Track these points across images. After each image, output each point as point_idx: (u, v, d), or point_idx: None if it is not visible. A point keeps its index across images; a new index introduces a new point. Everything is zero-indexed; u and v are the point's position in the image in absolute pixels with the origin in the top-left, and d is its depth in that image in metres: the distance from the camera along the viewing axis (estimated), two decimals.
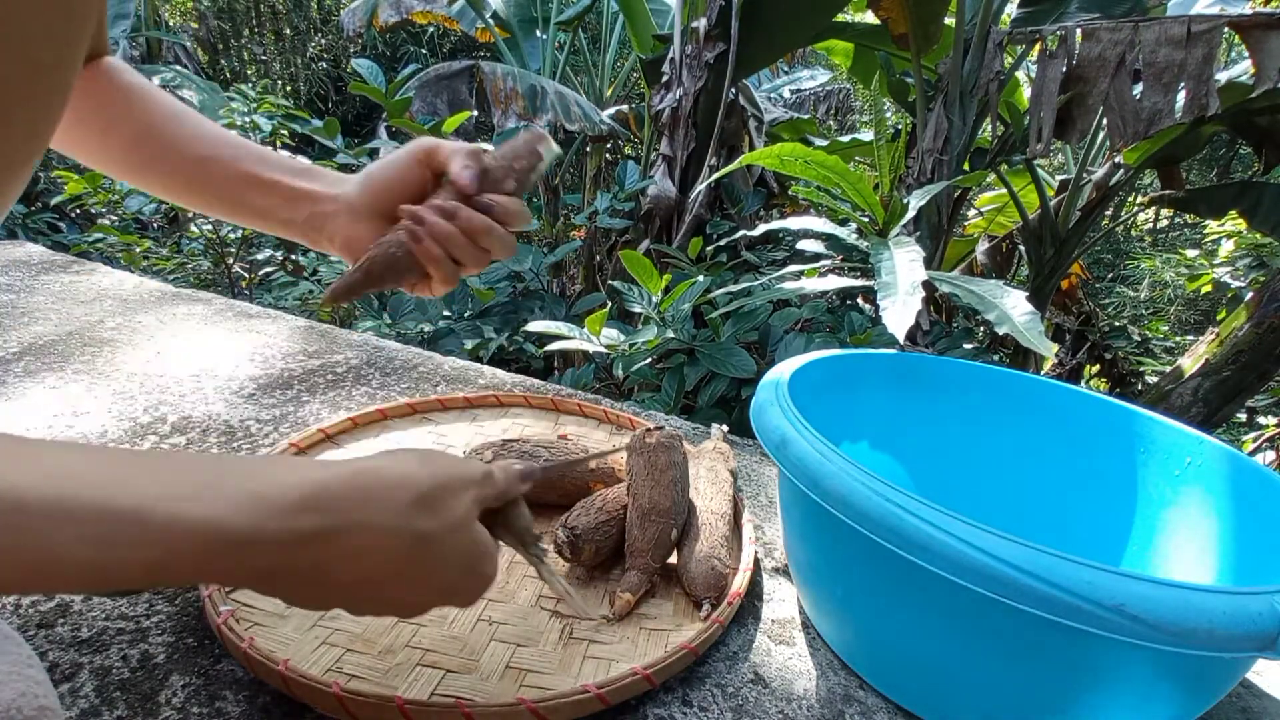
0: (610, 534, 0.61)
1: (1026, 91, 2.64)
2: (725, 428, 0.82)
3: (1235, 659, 0.44)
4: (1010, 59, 2.46)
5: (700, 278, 1.47)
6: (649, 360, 1.32)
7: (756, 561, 0.66)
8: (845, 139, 3.16)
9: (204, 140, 0.48)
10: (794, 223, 1.44)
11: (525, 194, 0.49)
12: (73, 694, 0.45)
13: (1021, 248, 3.27)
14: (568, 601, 0.45)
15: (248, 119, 2.27)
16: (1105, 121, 1.96)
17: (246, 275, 2.48)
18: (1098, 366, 3.56)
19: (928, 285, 0.93)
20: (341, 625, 0.52)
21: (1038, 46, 2.01)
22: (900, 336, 0.79)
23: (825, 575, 0.57)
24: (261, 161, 0.49)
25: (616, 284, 1.52)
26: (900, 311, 0.84)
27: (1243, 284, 3.66)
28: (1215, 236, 4.22)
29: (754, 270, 1.91)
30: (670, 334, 1.33)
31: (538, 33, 3.49)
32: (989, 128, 2.28)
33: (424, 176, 0.49)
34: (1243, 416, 3.30)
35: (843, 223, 1.61)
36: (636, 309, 1.44)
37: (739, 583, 0.59)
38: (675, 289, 1.41)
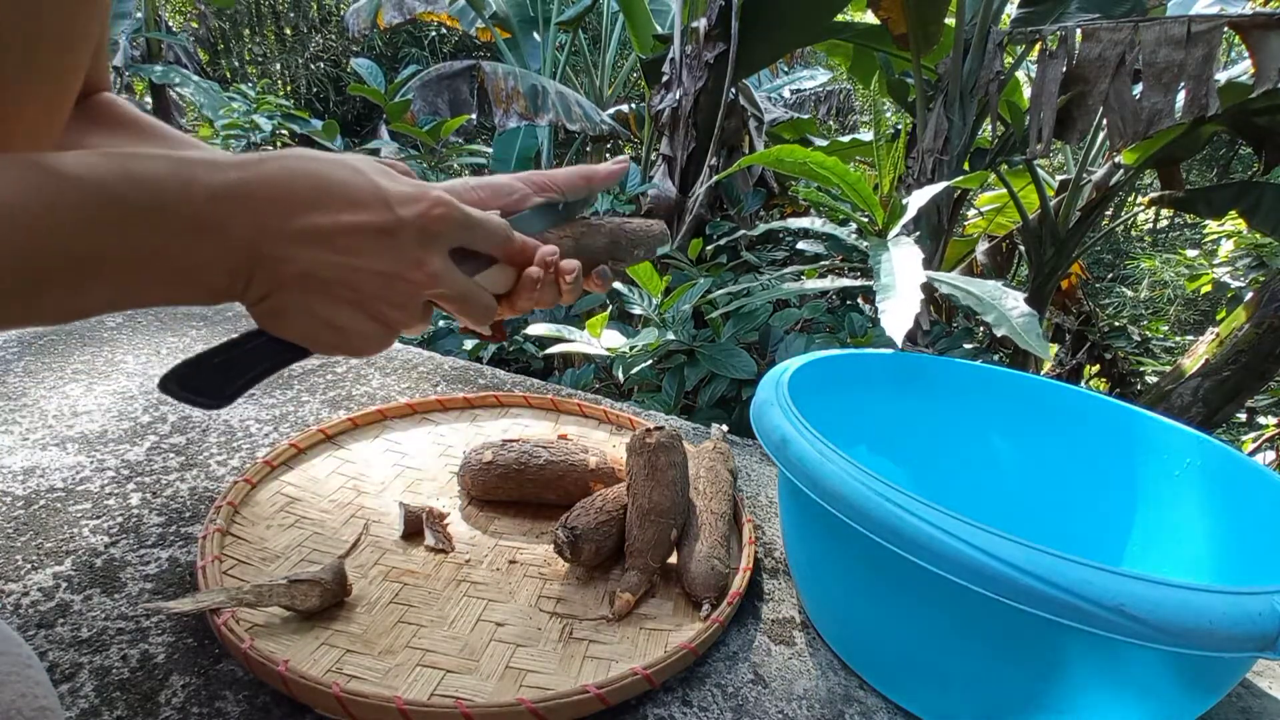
0: (610, 534, 0.61)
1: (1026, 91, 2.64)
2: (725, 428, 0.82)
3: (1235, 659, 0.44)
4: (1010, 59, 2.46)
5: (701, 280, 1.47)
6: (649, 361, 1.32)
7: (756, 561, 0.66)
8: (845, 139, 3.16)
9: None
10: (794, 223, 1.44)
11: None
12: (73, 694, 0.45)
13: (1021, 248, 3.27)
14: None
15: (248, 119, 2.27)
16: (1105, 121, 1.96)
17: None
18: (1098, 366, 3.56)
19: (927, 286, 0.93)
20: (341, 627, 0.52)
21: (1038, 46, 2.01)
22: (899, 340, 0.79)
23: (825, 575, 0.57)
24: None
25: (617, 285, 1.52)
26: (899, 314, 0.84)
27: (1243, 284, 3.66)
28: (1215, 236, 4.22)
29: (754, 271, 1.91)
30: (671, 336, 1.33)
31: (538, 33, 3.49)
32: (989, 128, 2.28)
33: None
34: (1243, 416, 3.30)
35: (842, 223, 1.61)
36: (637, 310, 1.44)
37: (739, 583, 0.59)
38: (676, 291, 1.41)
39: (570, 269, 0.42)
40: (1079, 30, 1.92)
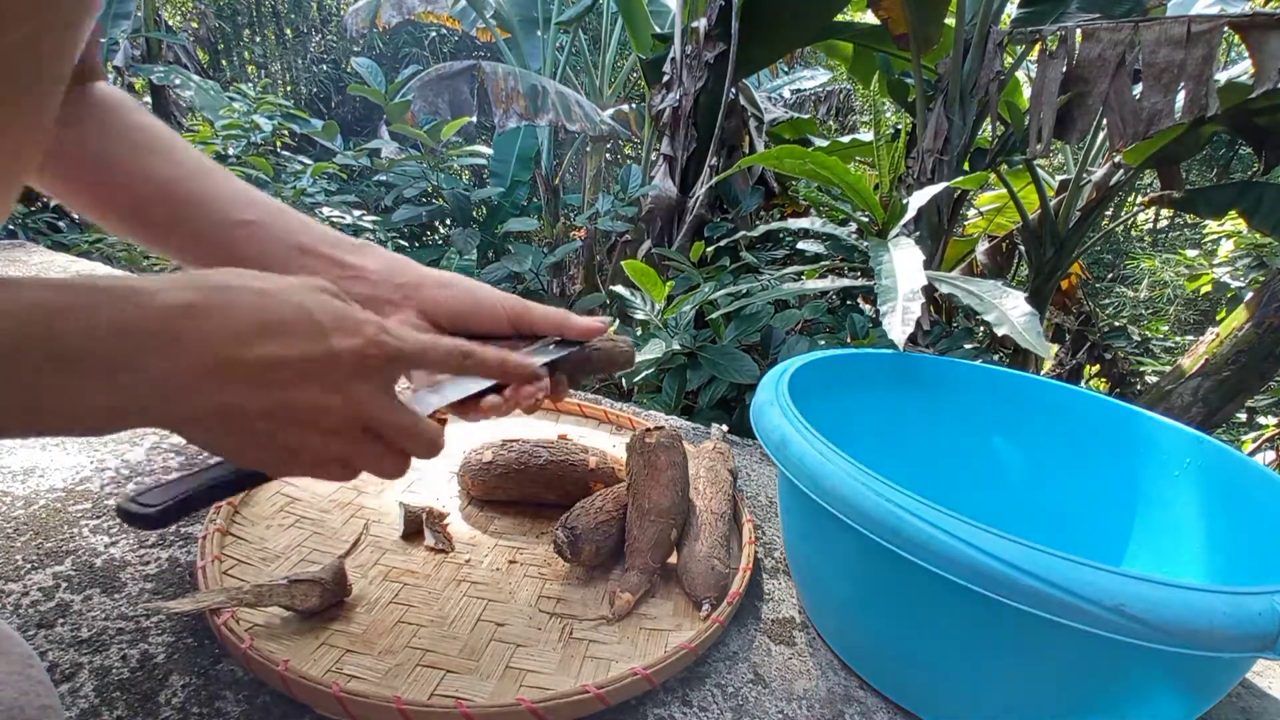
0: (610, 534, 0.61)
1: (1026, 91, 2.64)
2: (725, 428, 0.82)
3: (1235, 659, 0.44)
4: (1010, 59, 2.46)
5: (705, 287, 1.47)
6: (653, 368, 1.32)
7: (756, 561, 0.66)
8: (845, 139, 3.15)
9: (241, 200, 0.43)
10: (794, 223, 1.44)
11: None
12: (73, 694, 0.45)
13: (1021, 248, 3.27)
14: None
15: (248, 119, 2.27)
16: (1105, 121, 1.96)
17: None
18: (1098, 366, 3.56)
19: (928, 288, 0.93)
20: (341, 627, 0.52)
21: (1038, 46, 2.01)
22: (900, 343, 0.79)
23: (825, 575, 0.57)
24: (306, 230, 0.45)
25: (620, 289, 1.52)
26: (900, 318, 0.84)
27: (1243, 284, 3.67)
28: (1215, 236, 4.22)
29: (754, 272, 1.91)
30: (676, 347, 1.33)
31: (538, 33, 3.49)
32: (989, 128, 2.28)
33: (507, 331, 0.49)
34: (1243, 416, 3.30)
35: (843, 223, 1.61)
36: (640, 315, 1.44)
37: (739, 583, 0.59)
38: (679, 299, 1.41)
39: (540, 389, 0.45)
40: (1079, 30, 1.92)
